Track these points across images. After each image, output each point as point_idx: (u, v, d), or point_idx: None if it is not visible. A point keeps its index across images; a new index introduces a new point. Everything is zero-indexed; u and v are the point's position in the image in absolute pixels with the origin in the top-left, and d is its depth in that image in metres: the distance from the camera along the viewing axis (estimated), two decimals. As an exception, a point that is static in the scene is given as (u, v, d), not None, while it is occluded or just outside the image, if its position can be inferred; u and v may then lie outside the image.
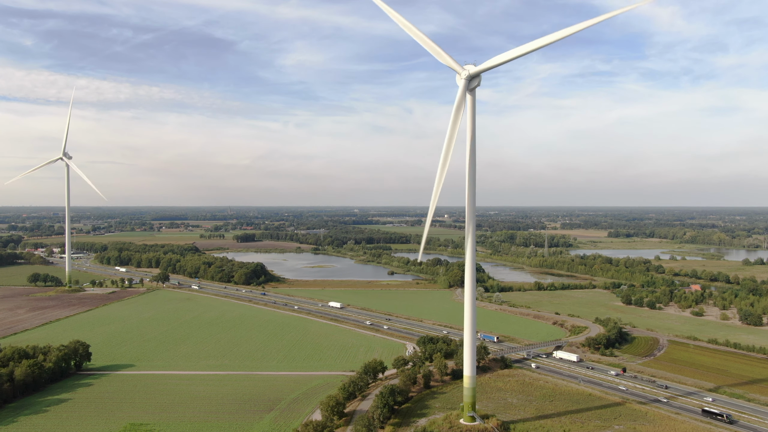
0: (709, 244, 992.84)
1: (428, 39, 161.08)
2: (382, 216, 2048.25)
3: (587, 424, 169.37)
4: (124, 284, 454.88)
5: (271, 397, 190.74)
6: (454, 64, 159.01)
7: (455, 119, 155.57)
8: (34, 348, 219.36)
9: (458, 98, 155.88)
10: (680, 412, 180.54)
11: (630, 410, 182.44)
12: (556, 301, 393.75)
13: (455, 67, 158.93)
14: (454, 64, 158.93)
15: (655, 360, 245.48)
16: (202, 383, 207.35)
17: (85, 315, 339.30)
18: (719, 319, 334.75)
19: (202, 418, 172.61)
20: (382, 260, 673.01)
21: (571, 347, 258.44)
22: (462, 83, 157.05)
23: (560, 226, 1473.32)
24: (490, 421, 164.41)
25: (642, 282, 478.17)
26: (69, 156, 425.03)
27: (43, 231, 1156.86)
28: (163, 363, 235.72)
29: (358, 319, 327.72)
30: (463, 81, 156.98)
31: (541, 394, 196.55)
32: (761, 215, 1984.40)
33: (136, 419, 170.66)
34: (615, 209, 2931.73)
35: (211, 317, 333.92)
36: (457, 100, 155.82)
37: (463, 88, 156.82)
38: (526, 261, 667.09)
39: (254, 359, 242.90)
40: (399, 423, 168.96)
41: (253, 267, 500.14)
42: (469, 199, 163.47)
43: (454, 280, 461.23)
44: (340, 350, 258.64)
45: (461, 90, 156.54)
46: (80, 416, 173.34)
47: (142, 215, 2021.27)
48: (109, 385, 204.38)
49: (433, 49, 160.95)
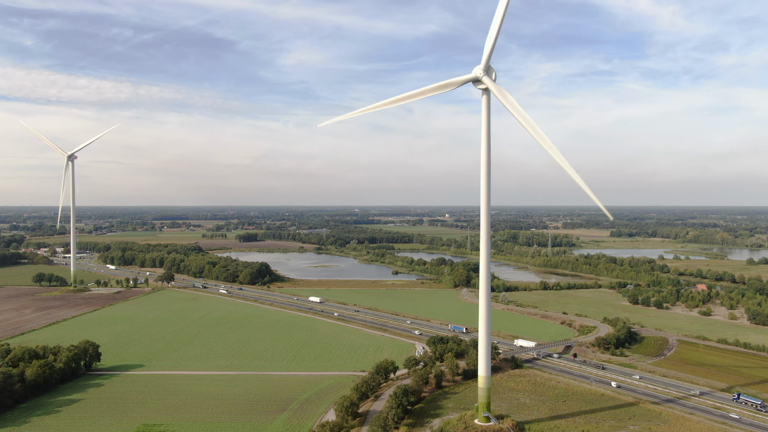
0: (712, 243, 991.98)
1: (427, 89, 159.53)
2: (383, 215, 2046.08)
3: (602, 425, 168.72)
4: (129, 284, 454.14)
5: (283, 398, 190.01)
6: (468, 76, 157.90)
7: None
8: (44, 348, 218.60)
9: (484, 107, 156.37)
10: (694, 412, 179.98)
11: (644, 410, 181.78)
12: (563, 301, 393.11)
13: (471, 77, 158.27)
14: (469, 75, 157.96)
15: (665, 360, 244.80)
16: (212, 383, 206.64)
17: (92, 315, 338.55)
18: (727, 319, 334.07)
19: (215, 418, 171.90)
20: (386, 260, 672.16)
21: (581, 347, 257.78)
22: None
23: (562, 225, 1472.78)
24: (505, 422, 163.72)
25: (647, 282, 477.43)
26: (74, 156, 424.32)
27: (45, 231, 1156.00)
28: (172, 363, 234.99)
29: (366, 319, 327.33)
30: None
31: (553, 394, 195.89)
32: (762, 214, 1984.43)
33: (149, 420, 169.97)
34: (616, 209, 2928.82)
35: (218, 317, 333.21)
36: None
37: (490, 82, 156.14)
38: (530, 261, 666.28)
39: (263, 359, 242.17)
40: (413, 423, 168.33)
41: (258, 267, 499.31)
42: (485, 200, 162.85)
43: (459, 279, 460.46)
44: (349, 350, 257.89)
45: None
46: (93, 417, 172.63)
47: (143, 215, 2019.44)
48: (119, 386, 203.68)
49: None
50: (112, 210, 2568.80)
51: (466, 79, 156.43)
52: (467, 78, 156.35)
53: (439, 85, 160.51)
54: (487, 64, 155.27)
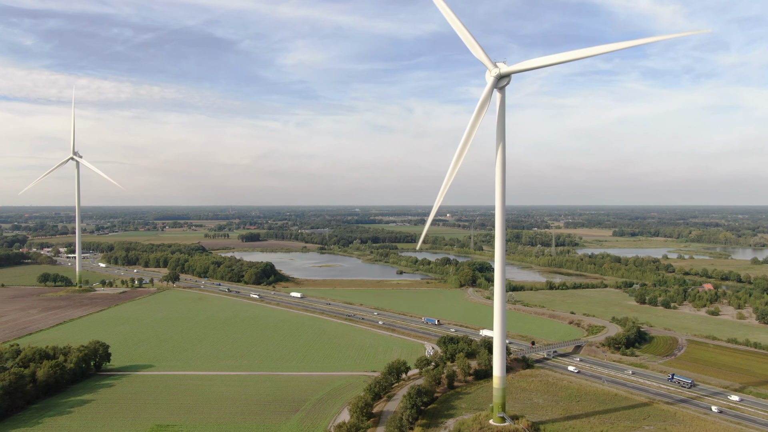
0: (715, 243, 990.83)
1: (466, 31, 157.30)
2: (384, 215, 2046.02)
3: (617, 425, 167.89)
4: (134, 284, 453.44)
5: (295, 398, 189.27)
6: (486, 60, 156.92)
7: (477, 114, 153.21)
8: (54, 348, 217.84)
9: (484, 94, 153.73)
10: (708, 412, 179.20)
11: (658, 410, 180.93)
12: (569, 300, 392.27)
13: (487, 63, 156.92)
14: (486, 60, 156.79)
15: (676, 360, 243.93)
16: (223, 384, 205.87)
17: (98, 315, 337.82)
18: (736, 319, 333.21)
19: (229, 419, 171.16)
20: (390, 260, 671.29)
21: (590, 347, 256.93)
22: (491, 81, 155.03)
23: (564, 225, 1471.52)
24: (520, 422, 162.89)
25: (653, 281, 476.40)
26: (79, 155, 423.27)
27: (47, 231, 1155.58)
28: (182, 363, 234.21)
29: (373, 319, 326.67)
30: (491, 79, 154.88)
31: (566, 395, 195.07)
32: (763, 213, 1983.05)
33: (162, 420, 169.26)
34: (616, 208, 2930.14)
35: (225, 317, 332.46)
36: (483, 96, 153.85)
37: (491, 85, 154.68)
38: (534, 260, 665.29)
39: (273, 359, 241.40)
40: (427, 424, 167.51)
41: (263, 267, 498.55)
42: (500, 199, 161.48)
43: (465, 279, 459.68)
44: (359, 350, 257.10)
45: (488, 86, 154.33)
46: (105, 417, 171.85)
47: (144, 215, 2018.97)
48: (130, 386, 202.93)
49: (468, 41, 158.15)
50: (113, 210, 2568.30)
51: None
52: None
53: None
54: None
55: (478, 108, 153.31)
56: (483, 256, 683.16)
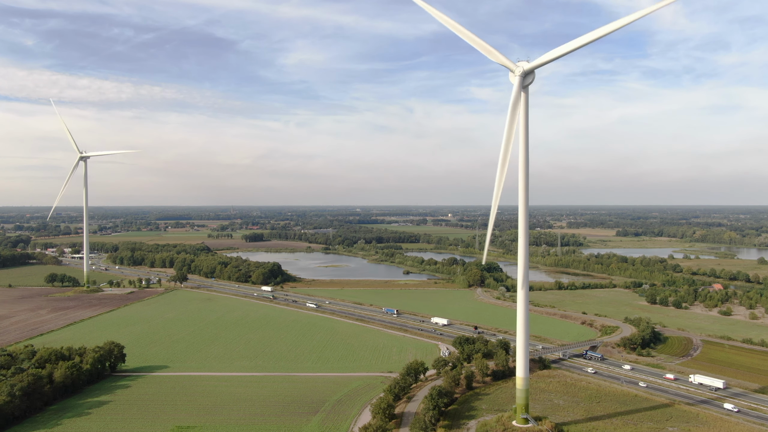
0: (719, 242, 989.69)
1: (478, 39, 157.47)
2: (385, 215, 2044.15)
3: (640, 426, 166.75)
4: (141, 284, 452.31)
5: (314, 399, 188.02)
6: (506, 62, 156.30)
7: (512, 118, 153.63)
8: (69, 349, 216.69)
9: (513, 96, 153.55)
10: (731, 414, 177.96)
11: (680, 411, 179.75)
12: (579, 301, 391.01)
13: (508, 65, 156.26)
14: (507, 61, 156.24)
15: (693, 360, 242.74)
16: (240, 385, 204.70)
17: (108, 315, 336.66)
18: (748, 319, 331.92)
19: (248, 420, 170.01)
20: (396, 260, 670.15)
21: (606, 347, 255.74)
22: (516, 80, 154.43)
23: (566, 224, 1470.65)
24: (544, 423, 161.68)
25: (662, 281, 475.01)
26: (86, 153, 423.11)
27: (50, 231, 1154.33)
28: (196, 364, 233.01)
29: (384, 319, 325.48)
30: (517, 78, 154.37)
31: (586, 395, 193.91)
32: (765, 213, 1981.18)
33: (181, 422, 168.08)
34: (617, 208, 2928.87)
35: (236, 317, 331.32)
36: (513, 98, 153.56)
37: (518, 85, 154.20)
38: (540, 260, 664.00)
39: (287, 360, 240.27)
40: (449, 425, 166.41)
41: (270, 267, 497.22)
42: (523, 199, 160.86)
43: (473, 279, 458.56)
44: (373, 351, 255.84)
45: (516, 87, 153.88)
46: (124, 419, 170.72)
47: (146, 215, 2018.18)
48: (147, 387, 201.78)
49: (484, 48, 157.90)
50: (114, 210, 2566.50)
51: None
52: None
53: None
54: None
55: (510, 110, 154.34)
56: (489, 256, 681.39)
